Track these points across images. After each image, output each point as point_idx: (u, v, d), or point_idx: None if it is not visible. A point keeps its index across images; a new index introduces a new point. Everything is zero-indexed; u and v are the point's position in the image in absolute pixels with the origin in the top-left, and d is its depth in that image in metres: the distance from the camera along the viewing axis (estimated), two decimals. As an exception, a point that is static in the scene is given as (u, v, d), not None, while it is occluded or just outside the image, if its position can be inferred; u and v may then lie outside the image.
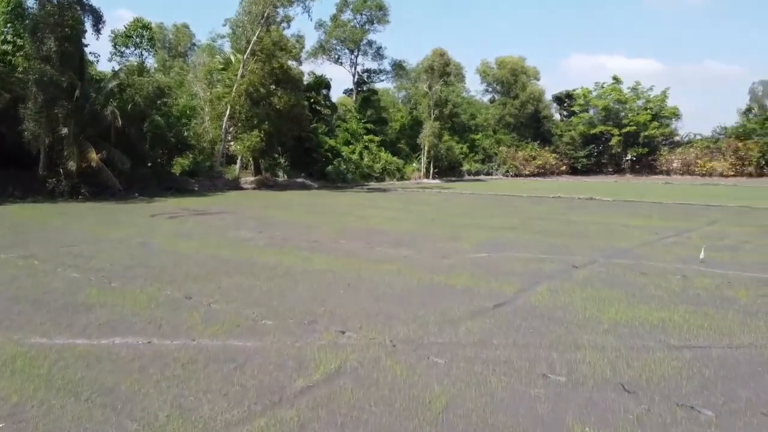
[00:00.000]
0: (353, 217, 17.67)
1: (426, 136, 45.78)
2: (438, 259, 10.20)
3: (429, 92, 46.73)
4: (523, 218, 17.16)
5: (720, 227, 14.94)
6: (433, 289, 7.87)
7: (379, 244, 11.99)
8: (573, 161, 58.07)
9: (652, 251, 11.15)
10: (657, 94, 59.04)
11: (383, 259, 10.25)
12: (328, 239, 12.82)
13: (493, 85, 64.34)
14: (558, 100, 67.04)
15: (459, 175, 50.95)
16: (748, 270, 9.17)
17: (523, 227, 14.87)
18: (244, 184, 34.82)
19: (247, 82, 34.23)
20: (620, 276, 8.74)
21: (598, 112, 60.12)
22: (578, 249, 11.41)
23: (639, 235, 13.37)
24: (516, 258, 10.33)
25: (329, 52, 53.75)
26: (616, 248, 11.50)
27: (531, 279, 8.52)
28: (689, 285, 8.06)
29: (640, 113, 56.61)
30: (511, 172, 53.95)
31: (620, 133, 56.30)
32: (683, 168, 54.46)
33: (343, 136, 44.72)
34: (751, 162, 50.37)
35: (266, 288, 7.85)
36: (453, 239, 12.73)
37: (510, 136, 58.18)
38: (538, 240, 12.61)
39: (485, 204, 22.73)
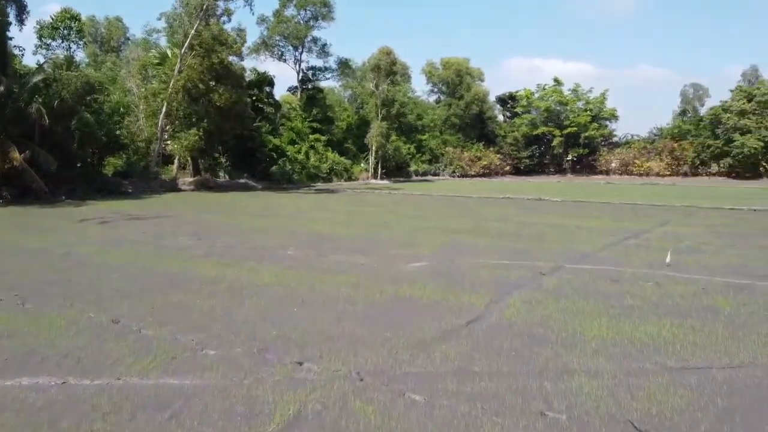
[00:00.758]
0: (302, 221, 16.71)
1: (374, 136, 45.10)
2: (398, 268, 9.45)
3: (376, 91, 46.08)
4: (477, 220, 16.68)
5: (673, 228, 14.92)
6: (399, 303, 7.10)
7: (333, 251, 11.13)
8: (517, 162, 58.85)
9: (615, 255, 10.80)
10: (596, 96, 60.75)
11: (339, 268, 9.40)
12: (276, 246, 11.84)
13: (439, 86, 64.46)
14: (501, 102, 67.86)
15: (407, 176, 50.56)
16: (716, 275, 8.89)
17: (479, 230, 14.35)
18: (183, 185, 33.08)
19: (185, 78, 32.52)
20: (591, 284, 8.25)
21: (541, 113, 61.17)
22: (540, 253, 10.94)
23: (597, 238, 13.08)
24: (479, 264, 9.71)
25: (272, 48, 52.26)
26: (578, 252, 11.10)
27: (500, 289, 7.90)
28: (665, 293, 7.64)
29: (581, 114, 57.98)
30: (458, 172, 54.06)
31: (562, 134, 57.47)
32: (622, 168, 56.13)
33: (288, 136, 43.42)
34: (686, 162, 52.46)
35: (207, 307, 6.86)
36: (410, 244, 12.02)
37: (456, 137, 58.35)
38: (498, 244, 12.09)
39: (437, 205, 22.22)
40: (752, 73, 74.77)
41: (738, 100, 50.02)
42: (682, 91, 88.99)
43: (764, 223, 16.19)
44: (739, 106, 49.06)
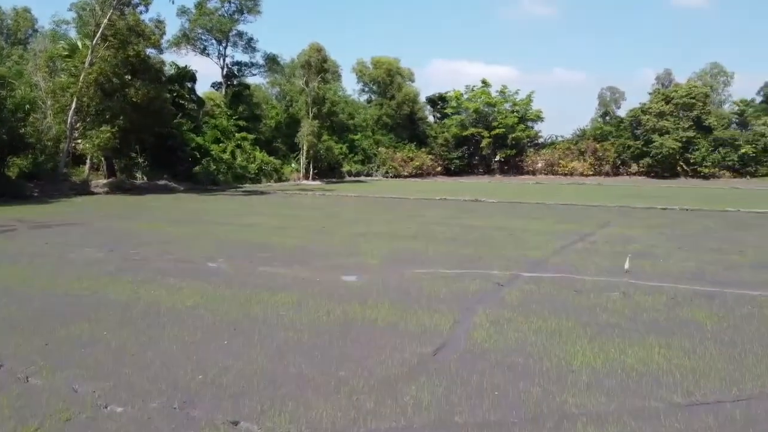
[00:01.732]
0: (230, 227, 15.29)
1: (304, 135, 43.63)
2: (345, 281, 8.42)
3: (306, 89, 44.64)
4: (420, 224, 15.90)
5: (616, 229, 14.75)
6: (350, 328, 6.08)
7: (267, 263, 9.93)
8: (447, 162, 59.03)
9: (568, 261, 10.27)
10: (523, 98, 61.95)
11: (276, 284, 8.25)
12: (201, 258, 10.48)
13: (370, 85, 63.70)
14: (431, 103, 67.98)
15: (340, 176, 49.41)
16: (680, 281, 8.47)
17: (424, 235, 13.54)
18: (96, 188, 30.41)
19: (97, 71, 29.91)
20: (556, 296, 7.57)
21: (470, 114, 61.73)
22: (492, 260, 10.24)
23: (545, 242, 12.60)
24: (432, 275, 8.85)
25: (194, 41, 49.59)
26: (530, 258, 10.49)
27: (461, 305, 7.05)
28: (637, 306, 7.06)
29: (508, 116, 58.95)
30: (391, 173, 53.50)
31: (490, 135, 58.18)
32: (547, 168, 57.53)
33: (212, 134, 41.17)
34: (608, 162, 54.44)
35: (116, 342, 5.57)
36: (354, 252, 11.01)
37: (388, 137, 57.79)
38: (447, 250, 11.30)
39: (376, 208, 21.31)
40: (665, 76, 79.36)
41: (656, 102, 52.46)
42: (599, 94, 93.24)
43: (699, 223, 16.39)
44: (657, 108, 51.43)
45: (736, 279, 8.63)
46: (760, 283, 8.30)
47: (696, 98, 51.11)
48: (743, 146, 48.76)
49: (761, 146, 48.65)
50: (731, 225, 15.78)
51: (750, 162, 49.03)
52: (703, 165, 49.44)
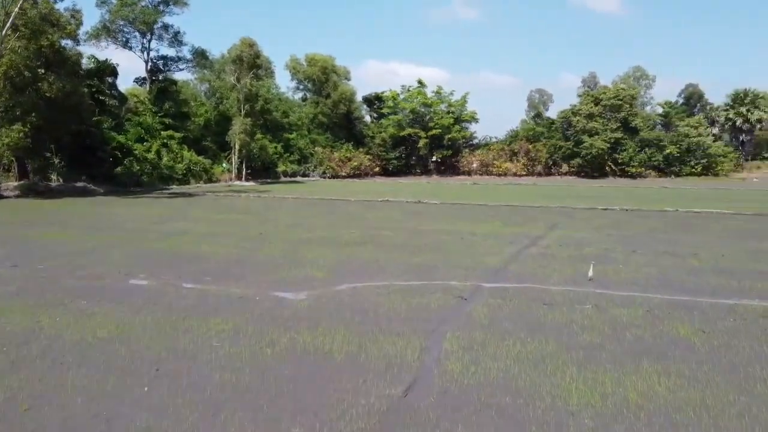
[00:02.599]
0: (154, 235, 13.80)
1: (236, 134, 41.69)
2: (289, 301, 7.38)
3: (237, 85, 42.70)
4: (365, 228, 14.98)
5: (565, 232, 14.39)
6: (302, 364, 5.08)
7: (197, 278, 8.73)
8: (385, 162, 58.43)
9: (527, 269, 9.66)
10: (458, 99, 62.32)
11: (208, 305, 7.11)
12: (120, 273, 9.13)
13: (305, 83, 62.15)
14: (368, 102, 67.25)
15: (275, 177, 47.67)
16: (648, 290, 7.99)
17: (372, 241, 12.63)
18: (5, 191, 27.68)
19: (7, 64, 27.11)
20: (527, 312, 6.86)
21: (406, 114, 61.43)
22: (448, 269, 9.47)
23: (498, 247, 11.99)
24: (388, 289, 7.96)
25: (116, 34, 46.36)
26: (488, 267, 9.81)
27: (426, 326, 6.20)
28: (614, 321, 6.44)
29: (444, 117, 59.07)
30: (329, 173, 52.25)
31: (427, 135, 58.06)
32: (482, 169, 58.07)
33: (136, 132, 38.55)
34: (540, 162, 55.55)
35: (4, 393, 4.35)
36: (297, 263, 9.95)
37: (325, 137, 56.49)
38: (398, 259, 10.45)
39: (317, 211, 20.19)
40: (591, 79, 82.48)
41: (586, 103, 54.01)
42: (528, 96, 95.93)
43: (643, 223, 16.37)
44: (587, 110, 52.95)
45: (705, 286, 8.25)
46: (729, 291, 7.94)
47: (623, 100, 53.03)
48: (668, 147, 50.99)
49: (685, 147, 51.09)
50: (674, 225, 15.84)
51: (674, 162, 51.36)
52: (631, 165, 51.33)
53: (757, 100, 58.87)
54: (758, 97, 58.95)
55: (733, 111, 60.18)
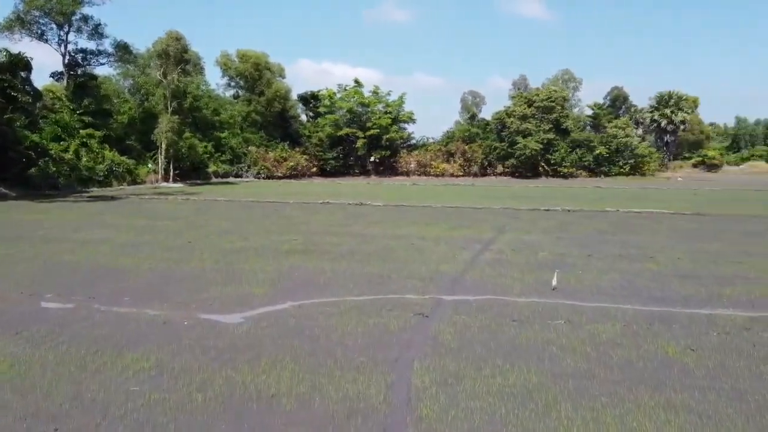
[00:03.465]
0: (68, 245, 12.19)
1: (163, 132, 39.25)
2: (224, 326, 6.31)
3: (164, 81, 40.25)
4: (307, 234, 13.91)
5: (514, 234, 13.91)
6: (241, 416, 4.08)
7: (115, 299, 7.47)
8: (323, 163, 57.05)
9: (486, 277, 8.98)
10: (395, 99, 61.83)
11: (126, 334, 5.94)
12: (23, 294, 7.74)
13: (236, 80, 59.75)
14: (304, 101, 65.57)
15: (205, 178, 45.36)
16: (617, 300, 7.47)
17: (316, 249, 11.61)
18: None
19: None
20: (497, 331, 6.13)
21: (344, 114, 60.36)
22: (403, 280, 8.65)
23: (450, 252, 11.30)
24: (339, 307, 7.03)
25: (30, 25, 42.65)
26: (444, 276, 9.06)
27: (388, 355, 5.34)
28: (594, 340, 5.81)
29: (382, 117, 58.43)
30: (263, 173, 50.31)
31: (365, 135, 57.23)
32: (420, 169, 57.83)
33: (52, 131, 35.48)
34: (476, 163, 55.93)
35: None
36: (232, 277, 8.82)
37: (258, 136, 54.42)
38: (347, 269, 9.52)
39: (252, 215, 18.86)
40: (521, 82, 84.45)
41: (519, 105, 54.85)
42: (462, 98, 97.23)
43: (588, 225, 16.18)
44: (520, 111, 53.77)
45: (673, 294, 7.82)
46: (700, 299, 7.53)
47: (555, 102, 54.25)
48: (597, 147, 52.58)
49: (613, 147, 52.86)
50: (619, 226, 15.74)
51: (604, 162, 53.04)
52: (563, 165, 52.56)
53: (681, 102, 61.97)
54: (681, 100, 62.06)
55: (658, 113, 63.03)
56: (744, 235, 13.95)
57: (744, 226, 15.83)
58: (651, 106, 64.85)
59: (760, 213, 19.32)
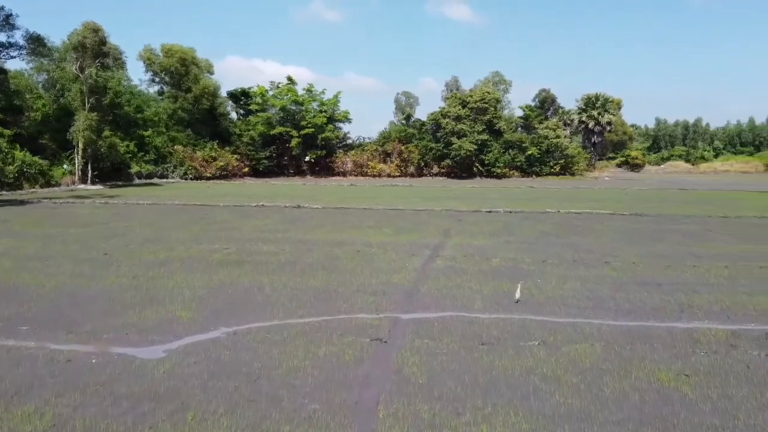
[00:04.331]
0: (-44, 260, 10.46)
1: (80, 130, 36.31)
2: (139, 363, 5.19)
3: (81, 75, 37.28)
4: (240, 241, 12.71)
5: (462, 239, 13.29)
6: None
7: (9, 327, 6.16)
8: (255, 163, 54.98)
9: (442, 289, 8.24)
10: (330, 98, 60.65)
11: (17, 379, 4.73)
12: None
13: (161, 75, 56.57)
14: (234, 98, 63.06)
15: (127, 179, 42.49)
16: (585, 313, 6.90)
17: (251, 259, 10.49)
18: None
19: None
20: (466, 358, 5.38)
21: (277, 112, 58.55)
22: (352, 296, 7.76)
23: (399, 260, 10.50)
24: (282, 333, 6.05)
25: (-75, 12, 38.42)
26: (397, 288, 8.24)
27: (346, 398, 4.45)
28: (577, 367, 5.16)
29: (317, 115, 57.11)
30: (191, 174, 47.77)
31: (299, 134, 55.74)
32: (357, 169, 56.99)
33: (-48, 128, 32.04)
34: (413, 163, 55.68)
35: None
36: (153, 298, 7.61)
37: (185, 134, 51.68)
38: (288, 283, 8.51)
39: (178, 220, 17.31)
40: (453, 83, 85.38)
41: (453, 106, 55.01)
42: (395, 99, 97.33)
43: (532, 227, 15.85)
44: (455, 112, 53.93)
45: (640, 304, 7.34)
46: (670, 310, 7.08)
47: (488, 103, 54.81)
48: (529, 148, 53.57)
49: (544, 148, 54.02)
50: (563, 228, 15.49)
51: (535, 162, 54.11)
52: (496, 166, 53.19)
53: (607, 104, 64.39)
54: (608, 101, 64.50)
55: (585, 114, 65.18)
56: (685, 236, 13.98)
57: (681, 226, 15.98)
58: (579, 107, 67.01)
59: (692, 212, 19.75)
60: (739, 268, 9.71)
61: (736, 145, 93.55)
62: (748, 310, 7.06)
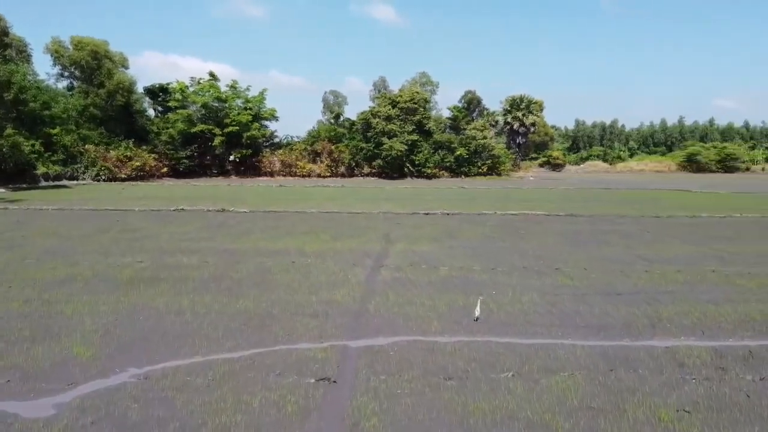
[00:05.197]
0: None
1: (-26, 128, 32.67)
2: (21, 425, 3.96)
3: (-25, 67, 33.56)
4: (156, 253, 11.23)
5: (405, 245, 12.46)
6: None
7: None
8: (175, 162, 51.87)
9: (392, 307, 7.36)
10: (255, 95, 58.36)
11: None
12: None
13: (71, 70, 52.31)
14: (151, 94, 59.33)
15: (33, 181, 38.72)
16: (552, 332, 6.24)
17: (169, 275, 9.14)
18: None
19: None
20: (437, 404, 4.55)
21: (198, 109, 55.64)
22: (290, 319, 6.73)
23: (341, 272, 9.52)
24: (206, 377, 4.95)
25: None
26: (342, 308, 7.28)
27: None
28: (563, 404, 4.43)
29: (241, 113, 54.76)
30: (104, 175, 44.28)
31: (223, 132, 53.21)
32: (285, 169, 55.10)
33: None
34: (343, 163, 54.53)
35: None
36: (47, 329, 6.24)
37: (98, 132, 47.91)
38: (212, 305, 7.33)
39: (86, 228, 15.37)
40: (381, 83, 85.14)
41: (384, 106, 54.35)
42: (323, 98, 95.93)
43: (472, 230, 15.30)
44: (385, 112, 53.29)
45: (609, 320, 6.77)
46: (642, 326, 6.53)
47: (418, 103, 54.58)
48: (458, 149, 53.75)
49: (472, 149, 54.42)
50: (504, 231, 15.04)
51: (464, 163, 54.36)
52: (426, 166, 52.99)
53: (531, 106, 66.00)
54: (532, 103, 66.12)
55: (510, 115, 66.53)
56: (626, 237, 13.85)
57: (618, 227, 15.95)
58: (504, 108, 68.32)
59: (624, 212, 19.96)
60: (692, 272, 9.46)
61: (649, 146, 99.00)
62: (720, 322, 6.64)
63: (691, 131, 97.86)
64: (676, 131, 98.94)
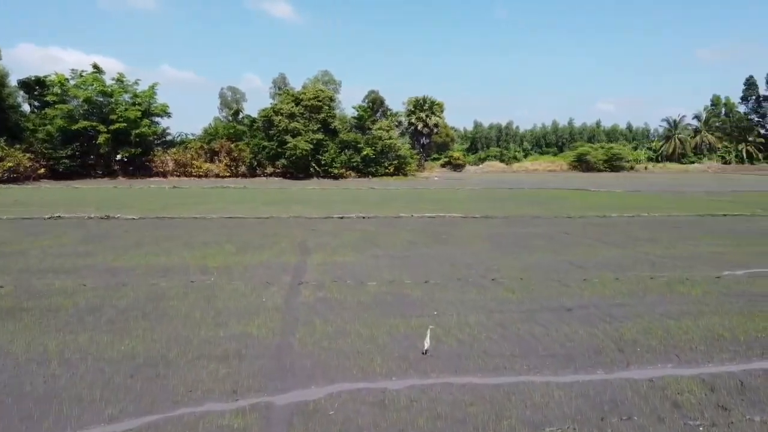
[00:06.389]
0: None
1: None
2: None
3: None
4: (20, 274, 9.07)
5: (323, 256, 11.15)
6: None
7: None
8: (54, 162, 46.69)
9: (318, 337, 6.12)
10: (145, 90, 54.04)
11: None
12: None
13: (-77, 56, 45.61)
14: (27, 87, 53.14)
15: None
16: (515, 367, 5.29)
17: (32, 306, 7.20)
18: None
19: None
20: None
21: (80, 104, 50.55)
22: (191, 366, 5.29)
23: (253, 294, 8.08)
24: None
25: None
26: (255, 343, 5.93)
27: None
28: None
29: (129, 109, 50.43)
30: (-34, 177, 38.92)
31: (108, 130, 48.68)
32: (179, 169, 51.44)
33: None
34: (244, 163, 51.84)
35: None
36: None
37: (-41, 128, 42.15)
38: (88, 350, 5.68)
39: (-74, 242, 12.61)
40: (281, 81, 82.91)
41: (287, 103, 52.27)
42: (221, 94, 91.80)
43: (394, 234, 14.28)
44: (288, 110, 51.26)
45: (575, 346, 5.94)
46: (612, 351, 5.75)
47: (322, 102, 53.12)
48: (364, 149, 52.93)
49: (379, 149, 53.82)
50: (426, 235, 14.17)
51: (371, 163, 53.64)
52: (333, 166, 51.69)
53: (434, 107, 66.71)
54: (434, 104, 66.85)
55: (414, 116, 66.85)
56: (548, 241, 13.45)
57: (535, 229, 15.64)
58: (408, 109, 68.59)
59: (536, 213, 19.90)
60: (630, 280, 8.99)
61: (542, 146, 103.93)
62: (689, 342, 6.02)
63: (579, 132, 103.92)
64: (566, 132, 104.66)
